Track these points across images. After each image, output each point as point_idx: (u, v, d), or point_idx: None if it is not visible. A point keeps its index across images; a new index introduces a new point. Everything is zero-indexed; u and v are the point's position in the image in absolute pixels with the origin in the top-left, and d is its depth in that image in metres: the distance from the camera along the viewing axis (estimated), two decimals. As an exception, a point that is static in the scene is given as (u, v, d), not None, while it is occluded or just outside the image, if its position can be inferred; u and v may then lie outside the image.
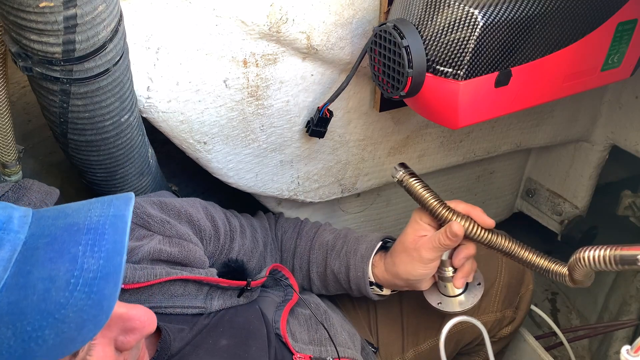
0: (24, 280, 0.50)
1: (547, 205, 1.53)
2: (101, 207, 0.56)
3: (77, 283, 0.51)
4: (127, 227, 0.54)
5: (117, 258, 0.52)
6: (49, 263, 0.51)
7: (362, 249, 1.00)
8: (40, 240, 0.52)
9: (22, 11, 0.58)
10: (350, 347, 0.98)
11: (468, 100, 0.83)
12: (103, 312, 0.51)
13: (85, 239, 0.52)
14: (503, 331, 1.17)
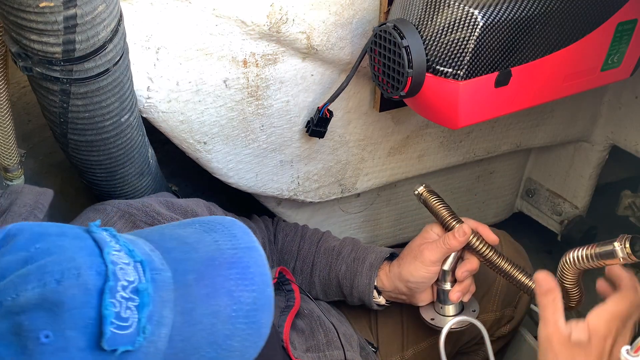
0: (190, 318, 0.53)
1: (547, 205, 1.53)
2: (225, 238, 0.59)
3: (238, 316, 0.55)
4: (265, 260, 0.59)
5: (267, 290, 0.57)
6: (208, 299, 0.54)
7: (371, 257, 1.02)
8: (188, 276, 0.54)
9: (22, 11, 0.58)
10: (348, 349, 0.99)
11: (468, 100, 0.83)
12: (261, 338, 0.57)
13: (232, 274, 0.56)
14: (502, 330, 1.17)
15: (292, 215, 1.22)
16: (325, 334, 0.98)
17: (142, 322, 0.49)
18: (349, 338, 1.03)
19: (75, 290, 0.48)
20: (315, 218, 1.27)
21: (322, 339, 0.97)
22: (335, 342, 0.98)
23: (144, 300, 0.50)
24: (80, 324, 0.47)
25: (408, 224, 1.42)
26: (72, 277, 0.48)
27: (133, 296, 0.50)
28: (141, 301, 0.50)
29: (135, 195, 0.89)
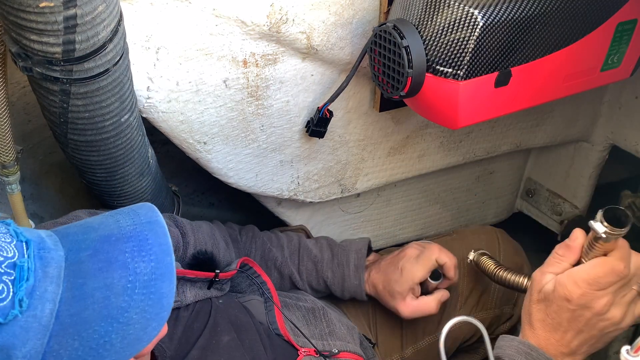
0: (79, 292, 0.52)
1: (547, 205, 1.53)
2: (128, 217, 0.59)
3: (135, 287, 0.54)
4: (166, 230, 0.58)
5: (166, 258, 0.56)
6: (100, 273, 0.54)
7: (354, 258, 1.07)
8: (81, 253, 0.54)
9: (22, 11, 0.58)
10: (349, 341, 0.99)
11: (468, 100, 0.83)
12: (164, 309, 0.55)
13: (129, 247, 0.55)
14: (501, 328, 1.18)
15: (292, 215, 1.22)
16: (328, 324, 0.99)
17: (19, 294, 0.49)
18: (351, 330, 1.03)
19: None
20: (315, 218, 1.27)
21: (325, 329, 0.98)
22: (338, 333, 0.98)
23: (21, 275, 0.50)
24: None
25: (408, 224, 1.42)
26: None
27: (9, 270, 0.50)
28: (18, 275, 0.50)
29: (135, 195, 0.89)
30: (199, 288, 0.87)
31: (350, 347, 0.97)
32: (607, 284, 0.72)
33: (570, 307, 0.73)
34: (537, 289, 0.78)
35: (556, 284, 0.75)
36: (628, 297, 0.75)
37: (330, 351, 0.93)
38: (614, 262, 0.72)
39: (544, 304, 0.77)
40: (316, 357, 0.91)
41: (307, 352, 0.91)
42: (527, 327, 0.79)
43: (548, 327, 0.76)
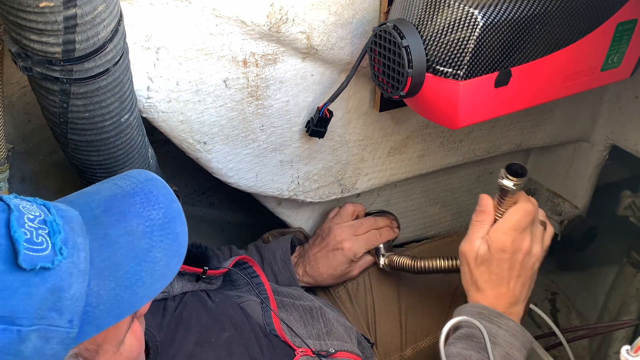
0: (105, 241, 0.57)
1: (547, 205, 1.53)
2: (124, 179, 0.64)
3: (152, 230, 0.60)
4: (166, 184, 0.64)
5: (173, 204, 0.63)
6: (118, 222, 0.59)
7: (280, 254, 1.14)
8: (94, 211, 0.59)
9: (22, 11, 0.58)
10: (347, 340, 0.99)
11: (468, 100, 0.83)
12: (181, 246, 0.62)
13: (137, 200, 0.61)
14: None
15: (292, 215, 1.22)
16: (325, 324, 0.99)
17: (57, 244, 0.53)
18: (348, 330, 1.03)
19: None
20: (315, 218, 1.27)
21: (322, 329, 0.98)
22: (335, 333, 0.99)
23: (54, 229, 0.54)
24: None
25: (408, 224, 1.42)
26: None
27: (42, 226, 0.54)
28: (51, 229, 0.54)
29: (135, 195, 0.89)
30: (187, 280, 0.90)
31: (348, 346, 0.97)
32: (526, 224, 0.85)
33: (507, 256, 0.84)
34: (472, 257, 0.86)
35: (488, 242, 0.85)
36: (539, 233, 0.88)
37: (327, 351, 0.94)
38: (524, 205, 0.86)
39: (485, 265, 0.86)
40: (313, 357, 0.91)
41: (304, 352, 0.91)
42: (475, 294, 0.87)
43: (494, 283, 0.85)
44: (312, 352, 0.91)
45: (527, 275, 0.87)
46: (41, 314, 0.52)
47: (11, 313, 0.50)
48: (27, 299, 0.51)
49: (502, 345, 0.83)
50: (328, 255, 1.15)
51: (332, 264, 1.14)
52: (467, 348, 0.82)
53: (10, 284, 0.51)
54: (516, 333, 0.85)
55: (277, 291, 1.06)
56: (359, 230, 1.17)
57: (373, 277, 1.20)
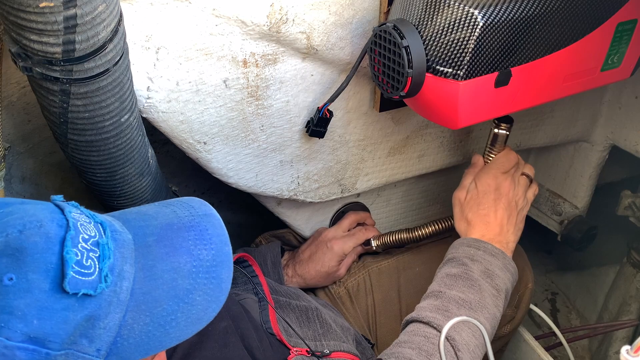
0: (150, 273, 0.57)
1: (547, 205, 1.53)
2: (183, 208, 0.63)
3: (199, 271, 0.59)
4: (222, 223, 0.64)
5: (225, 248, 0.62)
6: (168, 257, 0.58)
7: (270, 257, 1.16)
8: (147, 238, 0.59)
9: (22, 11, 0.58)
10: (344, 340, 0.99)
11: (468, 100, 0.83)
12: (222, 293, 0.60)
13: (190, 235, 0.60)
14: (502, 330, 1.17)
15: (292, 215, 1.22)
16: (321, 324, 1.00)
17: (104, 271, 0.53)
18: (346, 331, 1.03)
19: (37, 238, 0.51)
20: (315, 218, 1.27)
21: (318, 329, 0.98)
22: (332, 333, 0.99)
23: (104, 253, 0.54)
24: (42, 268, 0.50)
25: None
26: (34, 227, 0.52)
27: (94, 248, 0.53)
28: (102, 253, 0.54)
29: (135, 195, 0.89)
30: None
31: (345, 347, 0.97)
32: (508, 167, 1.00)
33: (491, 189, 0.98)
34: (463, 197, 1.01)
35: (476, 182, 1.00)
36: (523, 182, 1.03)
37: (322, 351, 0.94)
38: (508, 153, 1.03)
39: (473, 200, 0.99)
40: (308, 357, 0.91)
41: (299, 352, 0.91)
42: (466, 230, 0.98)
43: (482, 214, 0.97)
44: (307, 351, 0.91)
45: (512, 210, 0.98)
46: (72, 340, 0.51)
47: (45, 335, 0.50)
48: (63, 324, 0.51)
49: (480, 262, 0.91)
50: (317, 254, 1.18)
51: (321, 262, 1.18)
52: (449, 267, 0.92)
53: (51, 305, 0.50)
54: (495, 254, 0.93)
55: (276, 290, 1.06)
56: (344, 226, 1.22)
57: (373, 277, 1.20)
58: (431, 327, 0.85)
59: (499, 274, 0.91)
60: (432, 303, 0.88)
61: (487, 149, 1.05)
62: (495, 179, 0.99)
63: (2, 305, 0.49)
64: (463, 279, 0.89)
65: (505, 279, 0.92)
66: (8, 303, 0.49)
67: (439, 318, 0.85)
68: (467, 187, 1.01)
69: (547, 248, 1.91)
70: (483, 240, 0.94)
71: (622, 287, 1.50)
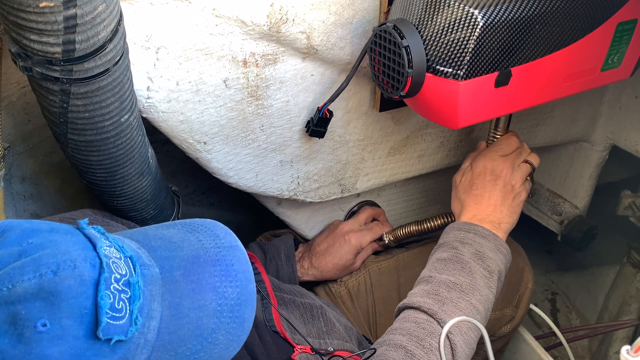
0: (177, 312, 0.56)
1: (547, 205, 1.53)
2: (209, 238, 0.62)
3: (223, 310, 0.58)
4: (247, 257, 0.63)
5: (249, 286, 0.61)
6: (194, 294, 0.57)
7: (283, 249, 1.17)
8: (175, 272, 0.57)
9: (22, 11, 0.58)
10: (347, 340, 0.99)
11: (468, 100, 0.83)
12: (244, 332, 0.60)
13: (217, 271, 0.59)
14: (502, 330, 1.18)
15: (292, 215, 1.22)
16: (326, 323, 1.00)
17: (134, 313, 0.52)
18: (349, 331, 1.04)
19: (72, 281, 0.50)
20: (315, 218, 1.27)
21: (322, 327, 0.98)
22: (336, 332, 0.99)
23: (135, 293, 0.52)
24: (76, 313, 0.49)
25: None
26: (68, 268, 0.50)
27: (125, 289, 0.52)
28: (133, 294, 0.52)
29: (135, 195, 0.89)
30: None
31: (348, 346, 0.97)
32: (507, 151, 0.99)
33: (487, 171, 0.97)
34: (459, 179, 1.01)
35: (473, 164, 1.00)
36: (523, 168, 1.00)
37: (326, 349, 0.94)
38: (509, 137, 1.01)
39: (469, 181, 0.99)
40: (312, 354, 0.91)
41: (303, 350, 0.91)
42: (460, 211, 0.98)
43: (475, 195, 0.97)
44: (311, 349, 0.91)
45: (508, 192, 0.97)
46: None
47: None
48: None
49: (471, 244, 0.90)
50: (335, 246, 1.19)
51: (338, 254, 1.18)
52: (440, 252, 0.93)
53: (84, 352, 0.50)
54: (486, 235, 0.92)
55: (279, 288, 1.06)
56: (361, 220, 1.23)
57: (374, 277, 1.20)
58: (421, 312, 0.85)
59: (490, 256, 0.90)
60: (423, 288, 0.89)
61: (491, 132, 1.05)
62: (491, 161, 0.98)
63: (36, 353, 0.48)
64: (453, 262, 0.89)
65: (498, 260, 0.91)
66: (42, 351, 0.48)
67: (428, 302, 0.85)
68: (464, 169, 1.02)
69: (547, 248, 1.91)
70: (473, 223, 0.93)
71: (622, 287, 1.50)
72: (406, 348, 0.81)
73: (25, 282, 0.48)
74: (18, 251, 0.51)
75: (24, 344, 0.48)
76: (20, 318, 0.48)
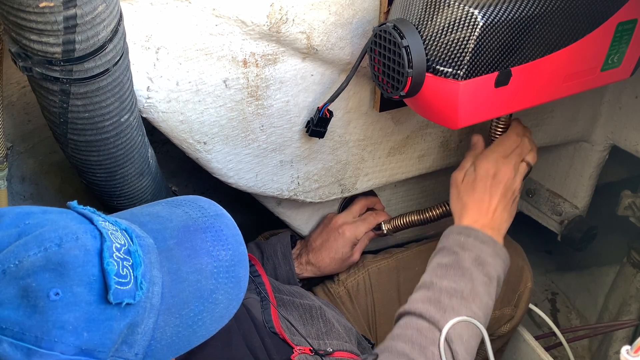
0: (176, 277, 0.59)
1: (547, 205, 1.53)
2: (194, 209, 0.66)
3: (219, 271, 0.61)
4: (234, 223, 0.66)
5: (240, 248, 0.64)
6: (190, 259, 0.60)
7: (280, 248, 1.17)
8: (168, 242, 0.61)
9: (22, 11, 0.58)
10: (346, 340, 0.99)
11: (468, 100, 0.83)
12: (241, 290, 0.63)
13: (208, 237, 0.62)
14: (502, 329, 1.18)
15: (292, 215, 1.22)
16: (325, 323, 1.00)
17: (139, 278, 0.55)
18: (348, 331, 1.04)
19: (77, 251, 0.52)
20: (315, 218, 1.27)
21: (322, 328, 0.99)
22: (335, 332, 0.99)
23: (136, 260, 0.55)
24: (85, 281, 0.52)
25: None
26: (71, 240, 0.53)
27: (126, 257, 0.55)
28: (134, 261, 0.55)
29: (135, 195, 0.89)
30: None
31: (347, 346, 0.97)
32: (509, 150, 0.98)
33: (490, 175, 0.96)
34: (461, 179, 1.00)
35: (475, 166, 0.99)
36: (522, 170, 1.00)
37: (325, 350, 0.94)
38: (510, 132, 1.01)
39: (470, 183, 0.98)
40: (311, 355, 0.91)
41: (302, 350, 0.91)
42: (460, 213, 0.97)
43: (477, 198, 0.96)
44: (310, 350, 0.92)
45: (509, 198, 0.98)
46: (116, 347, 0.53)
47: (94, 346, 0.52)
48: (109, 333, 0.52)
49: (471, 250, 0.91)
50: (329, 241, 1.18)
51: (334, 249, 1.17)
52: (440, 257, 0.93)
53: (97, 316, 0.52)
54: (486, 241, 0.92)
55: (279, 289, 1.06)
56: (354, 211, 1.21)
57: (373, 277, 1.20)
58: (423, 320, 0.85)
59: (490, 262, 0.91)
60: (424, 294, 0.89)
61: (494, 122, 1.04)
62: (495, 164, 0.97)
63: (53, 320, 0.50)
64: (454, 268, 0.89)
65: (497, 265, 0.92)
66: (58, 317, 0.50)
67: (430, 309, 0.86)
68: (465, 168, 1.01)
69: (547, 248, 1.91)
70: (474, 228, 0.94)
71: (622, 287, 1.50)
72: (409, 356, 0.82)
73: (31, 256, 0.51)
74: (17, 232, 0.53)
75: (39, 313, 0.50)
76: (32, 290, 0.50)
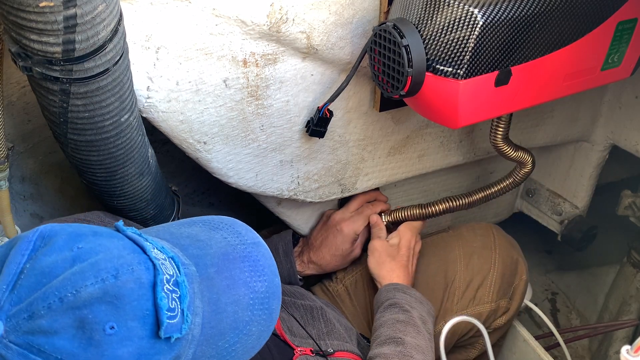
0: (216, 307, 0.59)
1: (547, 205, 1.53)
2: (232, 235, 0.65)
3: (255, 303, 0.62)
4: (270, 252, 0.66)
5: (275, 279, 0.65)
6: (229, 289, 0.61)
7: (281, 246, 1.19)
8: (209, 270, 0.60)
9: (22, 11, 0.58)
10: (347, 341, 0.99)
11: (468, 99, 0.83)
12: (272, 322, 0.64)
13: (246, 266, 0.63)
14: (497, 321, 1.18)
15: (292, 215, 1.22)
16: (326, 324, 1.00)
17: (185, 312, 0.55)
18: (348, 331, 1.04)
19: (132, 284, 0.52)
20: (315, 218, 1.27)
21: (323, 329, 0.99)
22: (336, 333, 0.99)
23: (184, 292, 0.55)
24: (139, 315, 0.52)
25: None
26: (127, 272, 0.53)
27: (175, 288, 0.55)
28: (182, 293, 0.55)
29: (135, 195, 0.89)
30: None
31: (348, 347, 0.98)
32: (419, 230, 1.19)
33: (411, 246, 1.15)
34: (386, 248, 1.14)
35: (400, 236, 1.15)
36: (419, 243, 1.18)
37: (325, 351, 0.94)
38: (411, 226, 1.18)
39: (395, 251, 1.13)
40: (312, 356, 0.91)
41: (303, 352, 0.91)
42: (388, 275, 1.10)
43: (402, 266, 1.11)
44: (311, 351, 0.92)
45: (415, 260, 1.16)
46: None
47: None
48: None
49: (416, 308, 1.03)
50: (329, 238, 1.19)
51: (334, 246, 1.18)
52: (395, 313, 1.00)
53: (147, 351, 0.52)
54: (422, 301, 1.06)
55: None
56: (352, 207, 1.22)
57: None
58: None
59: (427, 318, 1.03)
60: (396, 349, 0.94)
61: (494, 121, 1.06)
62: (412, 238, 1.16)
63: (107, 355, 0.50)
64: (411, 325, 0.98)
65: (429, 320, 1.04)
66: (113, 352, 0.51)
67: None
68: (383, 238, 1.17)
69: (547, 248, 1.91)
70: (409, 287, 1.08)
71: (622, 287, 1.50)
72: None
73: (88, 287, 0.51)
74: (71, 257, 0.53)
75: (94, 346, 0.50)
76: (88, 322, 0.50)
